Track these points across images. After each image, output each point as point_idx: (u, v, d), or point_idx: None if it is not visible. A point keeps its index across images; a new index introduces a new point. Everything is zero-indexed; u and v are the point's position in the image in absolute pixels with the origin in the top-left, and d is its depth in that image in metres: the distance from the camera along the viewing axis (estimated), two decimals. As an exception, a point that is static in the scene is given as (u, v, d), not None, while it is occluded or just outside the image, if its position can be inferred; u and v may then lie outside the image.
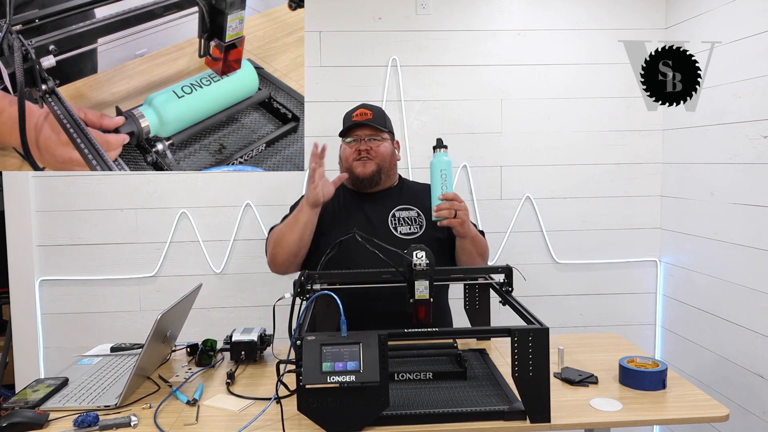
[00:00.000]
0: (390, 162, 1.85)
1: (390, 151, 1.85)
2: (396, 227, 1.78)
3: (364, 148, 1.80)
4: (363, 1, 2.36)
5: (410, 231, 1.78)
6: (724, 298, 2.14)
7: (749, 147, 1.99)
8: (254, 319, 2.34)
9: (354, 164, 1.81)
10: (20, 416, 1.20)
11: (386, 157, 1.83)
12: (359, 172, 1.80)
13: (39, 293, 2.33)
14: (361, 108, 1.85)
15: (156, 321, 1.32)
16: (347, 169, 1.83)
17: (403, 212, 1.81)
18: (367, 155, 1.79)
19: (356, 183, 1.83)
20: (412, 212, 1.82)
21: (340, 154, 1.88)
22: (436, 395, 1.27)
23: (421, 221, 1.80)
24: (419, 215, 1.81)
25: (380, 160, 1.81)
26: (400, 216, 1.80)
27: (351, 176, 1.82)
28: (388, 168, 1.84)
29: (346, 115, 1.89)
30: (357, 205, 1.84)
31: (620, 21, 2.42)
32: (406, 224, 1.79)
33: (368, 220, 1.80)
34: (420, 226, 1.79)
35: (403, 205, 1.83)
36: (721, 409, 1.23)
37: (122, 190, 2.34)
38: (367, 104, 1.88)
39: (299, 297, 1.39)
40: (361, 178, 1.80)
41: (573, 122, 2.45)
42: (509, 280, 1.54)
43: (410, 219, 1.80)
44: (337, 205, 1.86)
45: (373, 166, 1.80)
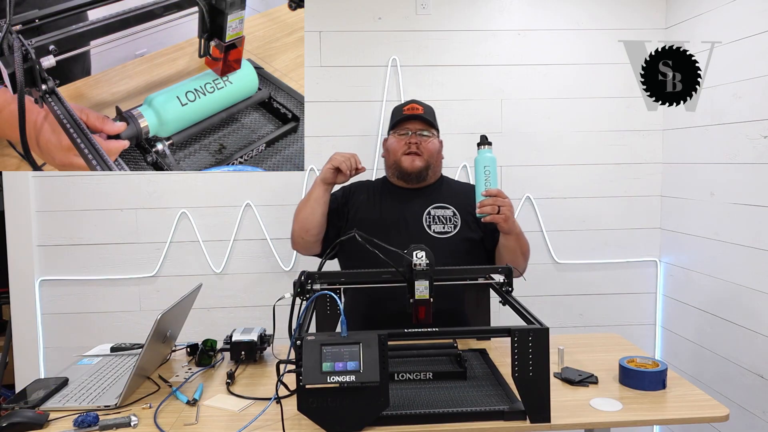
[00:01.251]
0: (437, 159, 1.86)
1: (438, 148, 1.87)
2: (430, 225, 1.78)
3: (414, 142, 1.80)
4: (363, 1, 2.36)
5: (444, 230, 1.78)
6: (724, 298, 2.14)
7: (749, 147, 1.99)
8: (254, 319, 2.34)
9: (402, 158, 1.81)
10: (20, 416, 1.20)
11: (434, 154, 1.84)
12: (407, 166, 1.80)
13: (39, 293, 2.33)
14: (412, 103, 1.87)
15: (156, 321, 1.32)
16: (394, 162, 1.83)
17: (438, 210, 1.81)
18: (416, 149, 1.80)
19: (402, 176, 1.83)
20: (447, 211, 1.81)
21: (387, 146, 1.88)
22: (436, 395, 1.27)
23: (456, 221, 1.79)
24: (455, 214, 1.81)
25: (429, 156, 1.82)
26: (436, 214, 1.80)
27: (398, 169, 1.83)
28: (434, 165, 1.85)
29: (395, 108, 1.90)
30: (394, 199, 1.85)
31: (620, 21, 2.42)
32: (440, 223, 1.79)
33: (402, 216, 1.80)
34: (454, 225, 1.79)
35: (440, 204, 1.82)
36: (721, 409, 1.23)
37: (122, 190, 2.34)
38: (418, 100, 1.90)
39: (299, 297, 1.39)
40: (409, 172, 1.81)
41: (573, 122, 2.45)
42: (509, 280, 1.54)
43: (445, 218, 1.80)
44: (372, 197, 1.86)
45: (421, 161, 1.81)
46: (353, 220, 1.83)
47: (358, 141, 2.39)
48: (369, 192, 1.90)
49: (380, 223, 1.78)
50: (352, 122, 2.39)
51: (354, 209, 1.86)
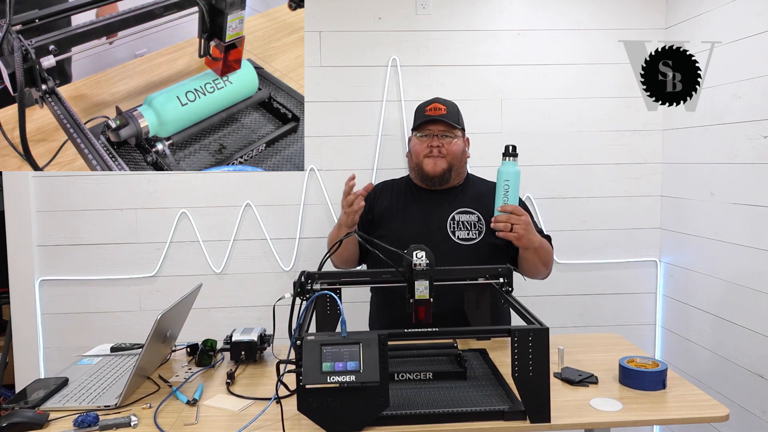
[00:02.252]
0: (461, 160, 1.84)
1: (461, 149, 1.83)
2: (454, 231, 1.77)
3: (436, 145, 1.78)
4: (363, 1, 2.36)
5: (468, 236, 1.76)
6: (724, 298, 2.14)
7: (749, 147, 1.99)
8: (254, 319, 2.34)
9: (424, 161, 1.79)
10: (20, 416, 1.20)
11: (457, 155, 1.81)
12: (429, 169, 1.79)
13: (39, 293, 2.33)
14: (434, 102, 1.83)
15: (156, 321, 1.32)
16: (416, 165, 1.82)
17: (463, 216, 1.79)
18: (438, 152, 1.78)
19: (425, 179, 1.82)
20: (472, 216, 1.80)
21: (410, 147, 1.87)
22: (436, 395, 1.27)
23: (480, 226, 1.78)
24: (480, 220, 1.79)
25: (452, 158, 1.80)
26: (460, 219, 1.79)
27: (420, 172, 1.82)
28: (458, 166, 1.83)
29: (418, 108, 1.88)
30: (418, 203, 1.84)
31: (620, 21, 2.42)
32: (465, 229, 1.77)
33: (426, 223, 1.79)
34: (479, 231, 1.77)
35: (465, 208, 1.81)
36: (721, 409, 1.23)
37: (122, 190, 2.34)
38: (441, 99, 1.87)
39: (299, 297, 1.39)
40: (431, 176, 1.79)
41: (573, 122, 2.45)
42: (509, 280, 1.54)
43: (470, 224, 1.78)
44: (395, 202, 1.85)
45: (444, 164, 1.79)
46: (380, 226, 1.83)
47: (358, 141, 2.39)
48: (393, 195, 1.89)
49: (405, 229, 1.77)
50: (352, 122, 2.39)
51: (379, 213, 1.85)
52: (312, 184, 2.38)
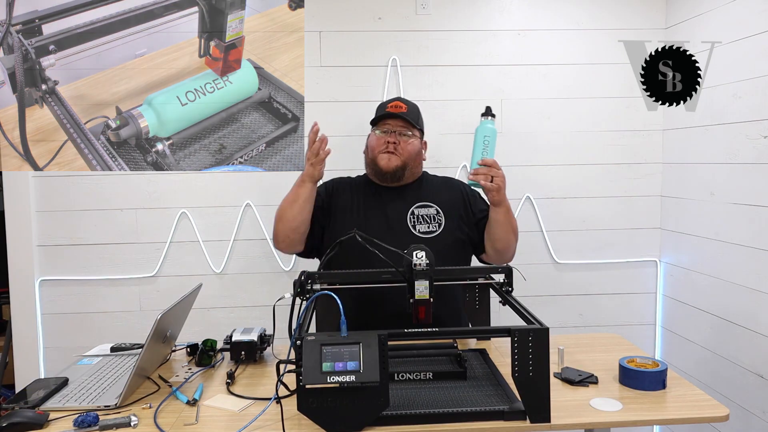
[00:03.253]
0: (415, 160, 1.83)
1: (417, 149, 1.83)
2: (414, 225, 1.77)
3: (392, 141, 1.78)
4: (363, 1, 2.36)
5: (429, 229, 1.77)
6: (724, 298, 2.14)
7: (749, 147, 1.99)
8: (254, 319, 2.34)
9: (379, 156, 1.79)
10: (20, 416, 1.20)
11: (412, 155, 1.81)
12: (383, 165, 1.79)
13: (39, 293, 2.33)
14: (396, 100, 1.84)
15: (156, 321, 1.32)
16: (371, 159, 1.82)
17: (422, 209, 1.80)
18: (394, 149, 1.78)
19: (377, 175, 1.82)
20: (431, 209, 1.80)
21: (368, 142, 1.87)
22: (436, 395, 1.27)
23: (440, 219, 1.78)
24: (438, 213, 1.79)
25: (406, 156, 1.79)
26: (419, 213, 1.79)
27: (374, 167, 1.81)
28: (412, 166, 1.83)
29: (380, 105, 1.88)
30: (376, 200, 1.83)
31: (620, 21, 2.42)
32: (425, 222, 1.78)
33: (386, 218, 1.79)
34: (439, 224, 1.78)
35: (423, 202, 1.81)
36: (721, 409, 1.23)
37: (122, 190, 2.34)
38: (404, 98, 1.88)
39: (299, 297, 1.39)
40: (384, 171, 1.79)
41: (573, 122, 2.45)
42: (509, 280, 1.54)
43: (429, 217, 1.79)
44: (355, 198, 1.85)
45: (397, 161, 1.78)
46: (338, 221, 1.81)
47: (358, 141, 2.38)
48: (351, 191, 1.88)
49: (365, 224, 1.76)
50: (352, 122, 2.38)
51: (336, 208, 1.83)
52: (312, 184, 2.38)
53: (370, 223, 1.77)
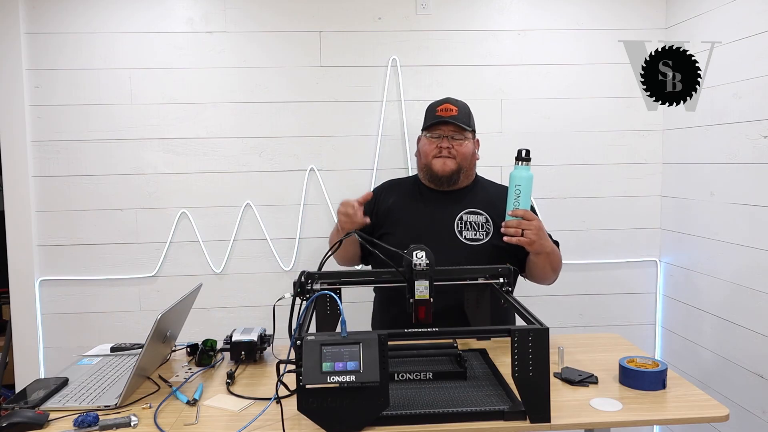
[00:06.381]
0: (470, 162, 1.82)
1: (471, 150, 1.82)
2: (461, 231, 1.76)
3: (446, 146, 1.77)
4: (363, 1, 2.36)
5: (475, 237, 1.75)
6: (724, 298, 2.14)
7: (749, 147, 1.99)
8: (254, 319, 2.34)
9: (434, 161, 1.78)
10: (20, 416, 1.20)
11: (467, 157, 1.80)
12: (438, 169, 1.78)
13: (39, 293, 2.33)
14: (446, 103, 1.81)
15: (156, 321, 1.32)
16: (425, 165, 1.81)
17: (471, 216, 1.78)
18: (448, 153, 1.77)
19: (433, 179, 1.81)
20: (480, 217, 1.78)
21: (419, 147, 1.86)
22: (436, 395, 1.27)
23: (488, 228, 1.77)
24: (488, 221, 1.78)
25: (461, 159, 1.78)
26: (468, 220, 1.78)
27: (428, 172, 1.81)
28: (467, 168, 1.82)
29: (429, 107, 1.86)
30: (425, 201, 1.83)
31: (620, 21, 2.42)
32: (472, 229, 1.76)
33: (433, 221, 1.78)
34: (486, 232, 1.76)
35: (473, 209, 1.80)
36: (721, 409, 1.23)
37: (122, 190, 2.34)
38: (453, 99, 1.85)
39: (299, 297, 1.39)
40: (440, 176, 1.78)
41: (573, 122, 2.45)
42: (509, 280, 1.54)
43: (477, 224, 1.77)
44: (404, 199, 1.84)
45: (453, 164, 1.77)
46: (385, 223, 1.81)
47: (358, 141, 2.39)
48: (399, 193, 1.88)
49: (411, 227, 1.76)
50: (352, 122, 2.38)
51: (385, 211, 1.83)
52: (312, 184, 2.38)
53: (415, 225, 1.77)
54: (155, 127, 2.32)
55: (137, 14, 2.29)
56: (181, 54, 2.31)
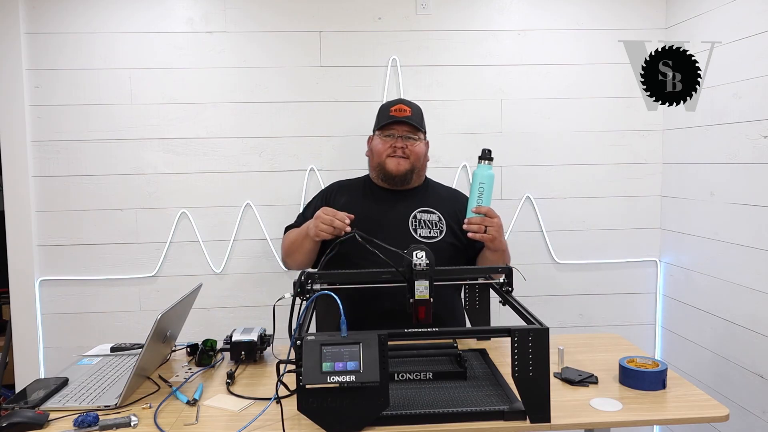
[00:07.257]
0: (422, 163, 1.85)
1: (423, 151, 1.85)
2: (416, 229, 1.77)
3: (400, 146, 1.79)
4: (363, 1, 2.36)
5: (430, 234, 1.77)
6: (724, 298, 2.14)
7: (749, 147, 1.99)
8: (254, 319, 2.34)
9: (387, 160, 1.80)
10: (20, 416, 1.20)
11: (420, 157, 1.82)
12: (392, 168, 1.79)
13: (39, 293, 2.33)
14: (399, 104, 1.83)
15: (156, 321, 1.32)
16: (378, 164, 1.82)
17: (424, 215, 1.80)
18: (402, 153, 1.79)
19: (387, 179, 1.82)
20: (433, 216, 1.80)
21: (372, 147, 1.87)
22: (436, 395, 1.27)
23: (441, 226, 1.79)
24: (440, 220, 1.80)
25: (414, 159, 1.80)
26: (422, 218, 1.79)
27: (382, 171, 1.81)
28: (419, 168, 1.84)
29: (382, 107, 1.88)
30: (378, 201, 1.84)
31: (620, 21, 2.42)
32: (426, 227, 1.78)
33: (388, 220, 1.79)
34: (440, 230, 1.78)
35: (426, 207, 1.81)
36: (721, 409, 1.23)
37: (122, 190, 2.34)
38: (406, 100, 1.88)
39: (299, 297, 1.39)
40: (394, 175, 1.80)
41: (573, 122, 2.45)
42: (509, 280, 1.54)
43: (431, 222, 1.79)
44: (355, 198, 1.85)
45: (407, 164, 1.79)
46: None
47: (358, 141, 2.38)
48: (351, 193, 1.88)
49: (365, 226, 1.72)
50: (352, 122, 2.38)
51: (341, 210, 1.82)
52: (312, 184, 2.38)
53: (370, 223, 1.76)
54: (155, 127, 2.32)
55: (137, 14, 2.29)
56: (181, 54, 2.31)
